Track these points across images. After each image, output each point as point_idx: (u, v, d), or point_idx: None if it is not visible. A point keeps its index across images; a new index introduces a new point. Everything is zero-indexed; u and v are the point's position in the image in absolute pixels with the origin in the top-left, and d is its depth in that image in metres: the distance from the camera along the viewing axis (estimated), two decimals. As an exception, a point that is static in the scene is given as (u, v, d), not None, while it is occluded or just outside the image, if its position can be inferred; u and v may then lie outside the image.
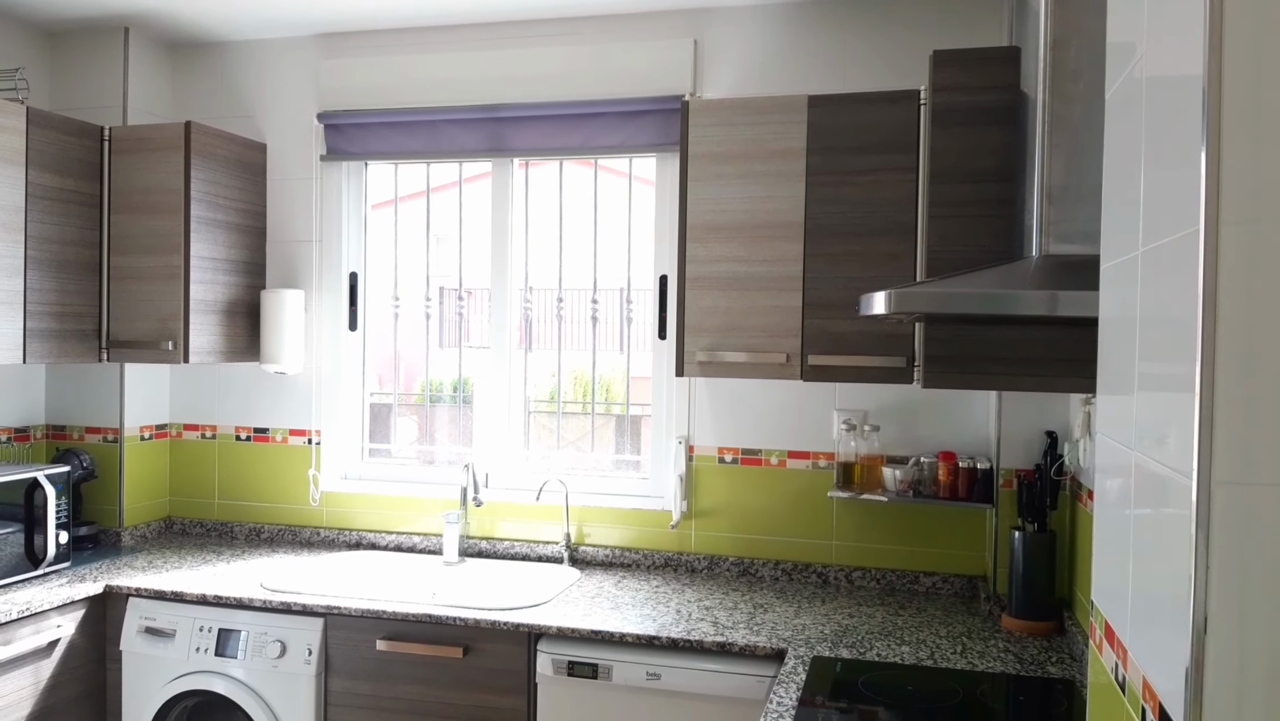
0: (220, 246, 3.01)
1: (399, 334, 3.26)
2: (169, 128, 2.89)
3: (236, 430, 3.28)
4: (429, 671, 2.43)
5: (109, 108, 3.12)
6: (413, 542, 3.09)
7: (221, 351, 3.02)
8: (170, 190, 2.88)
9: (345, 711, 2.49)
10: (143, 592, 2.64)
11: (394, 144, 3.09)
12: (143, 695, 2.62)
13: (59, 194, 2.79)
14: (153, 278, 2.90)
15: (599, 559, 2.93)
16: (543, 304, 3.15)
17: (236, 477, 3.27)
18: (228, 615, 2.57)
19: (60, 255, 2.79)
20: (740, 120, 2.46)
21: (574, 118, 2.93)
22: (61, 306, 2.80)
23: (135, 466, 3.18)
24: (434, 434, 3.30)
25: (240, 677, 2.54)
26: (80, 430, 3.17)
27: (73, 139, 2.83)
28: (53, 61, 3.18)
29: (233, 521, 3.26)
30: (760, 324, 2.46)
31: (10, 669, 2.40)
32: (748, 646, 2.22)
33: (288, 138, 3.21)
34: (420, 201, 3.22)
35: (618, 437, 3.14)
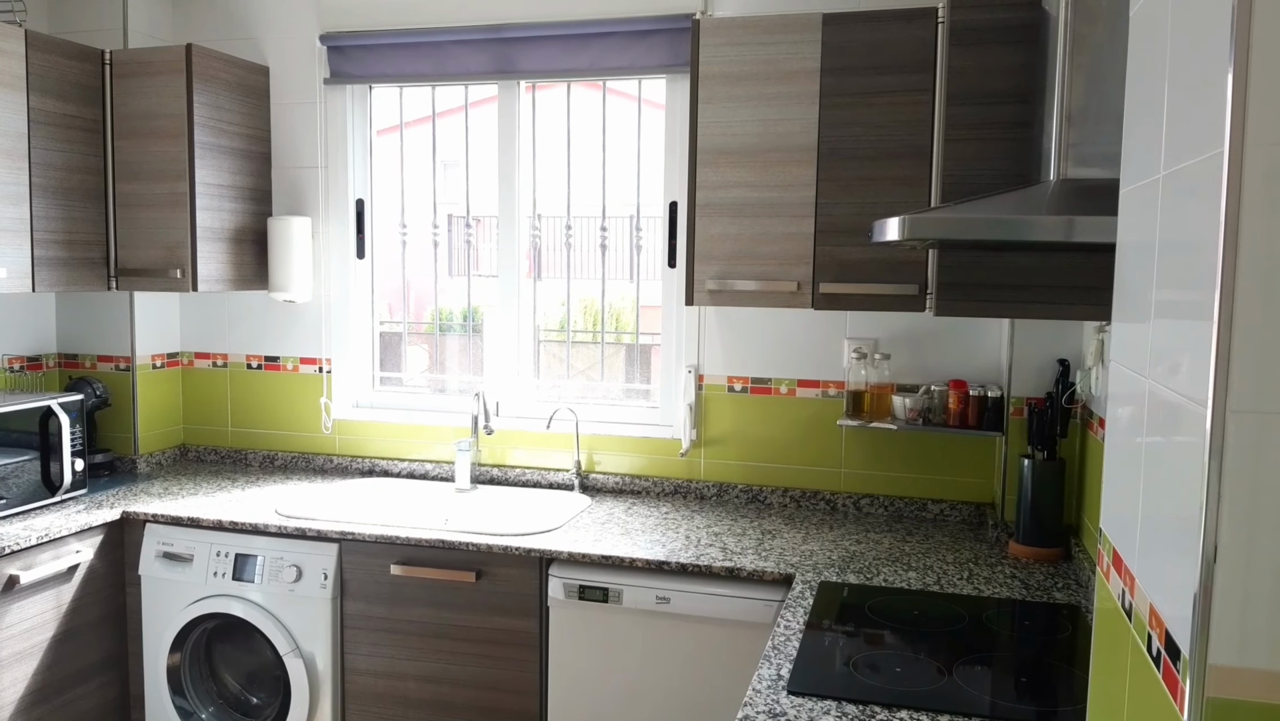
0: (225, 173, 2.98)
1: (407, 262, 3.24)
2: (170, 50, 2.84)
3: (247, 358, 3.29)
4: (442, 595, 2.47)
5: (109, 30, 3.06)
6: (425, 470, 3.12)
7: (230, 280, 3.01)
8: (173, 115, 2.84)
9: (361, 634, 2.55)
10: (160, 518, 2.68)
11: (399, 66, 3.03)
12: (163, 618, 2.68)
13: (61, 119, 2.75)
14: (159, 205, 2.88)
15: (609, 486, 2.95)
16: (551, 232, 3.12)
17: (249, 405, 3.30)
18: (244, 540, 2.61)
19: (65, 182, 2.77)
20: (752, 40, 2.39)
21: (582, 37, 2.86)
22: (69, 234, 2.79)
23: (148, 394, 3.21)
24: (444, 362, 3.31)
25: (258, 601, 2.59)
26: (92, 359, 3.19)
27: (73, 63, 2.78)
28: (49, -17, 3.11)
29: (246, 449, 3.29)
30: (771, 251, 2.43)
31: (33, 593, 2.45)
32: (756, 571, 2.24)
33: (290, 61, 3.15)
34: (426, 127, 3.16)
35: (627, 367, 3.14)
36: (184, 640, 2.67)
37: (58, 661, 2.53)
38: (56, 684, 2.53)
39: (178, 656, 2.68)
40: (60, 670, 2.54)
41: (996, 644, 1.86)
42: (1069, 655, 1.82)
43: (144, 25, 3.11)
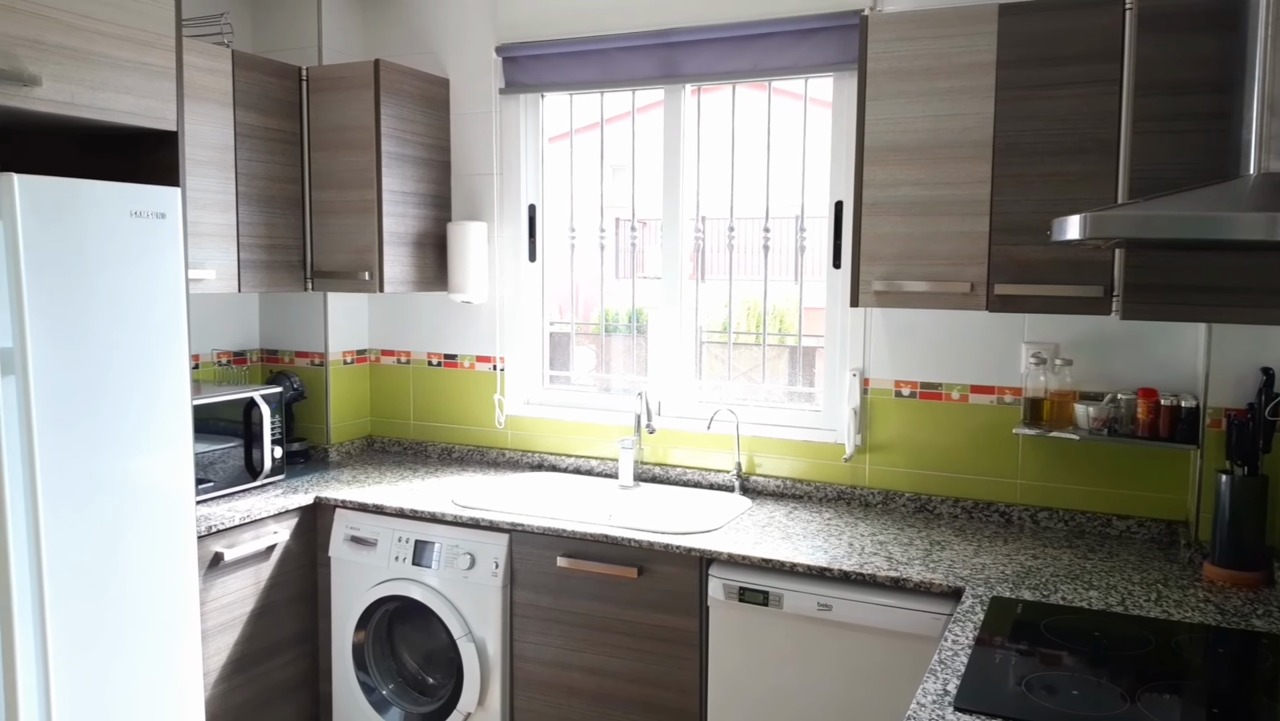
0: (409, 181, 3.15)
1: (576, 265, 3.33)
2: (360, 66, 3.03)
3: (429, 356, 3.47)
4: (606, 589, 2.53)
5: (305, 48, 3.30)
6: (590, 466, 3.20)
7: (413, 281, 3.18)
8: (363, 127, 3.03)
9: (529, 622, 2.64)
10: (348, 504, 2.86)
11: (568, 74, 3.11)
12: (349, 597, 2.86)
13: (264, 132, 2.98)
14: (350, 211, 3.08)
15: (770, 489, 2.94)
16: (714, 233, 3.13)
17: (429, 400, 3.48)
18: (423, 528, 2.75)
19: (267, 191, 3.01)
20: (923, 34, 2.32)
21: (746, 39, 2.85)
22: (270, 239, 3.02)
23: (340, 388, 3.44)
24: (610, 362, 3.38)
25: (435, 586, 2.73)
26: (290, 354, 3.44)
27: (274, 80, 3.01)
28: (254, 6, 3.38)
29: (426, 441, 3.47)
30: (942, 251, 2.35)
31: (235, 569, 2.68)
32: (923, 582, 2.18)
33: (468, 72, 3.29)
34: (595, 133, 3.24)
35: (790, 369, 3.11)
36: (368, 619, 2.85)
37: (255, 634, 2.75)
38: (254, 654, 2.75)
39: (362, 634, 2.86)
40: (257, 642, 2.76)
41: (1187, 672, 1.74)
42: (1270, 688, 1.67)
43: (337, 43, 3.34)
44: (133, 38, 2.23)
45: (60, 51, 2.08)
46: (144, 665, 2.24)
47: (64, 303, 2.03)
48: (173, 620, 2.31)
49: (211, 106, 2.79)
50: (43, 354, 2.00)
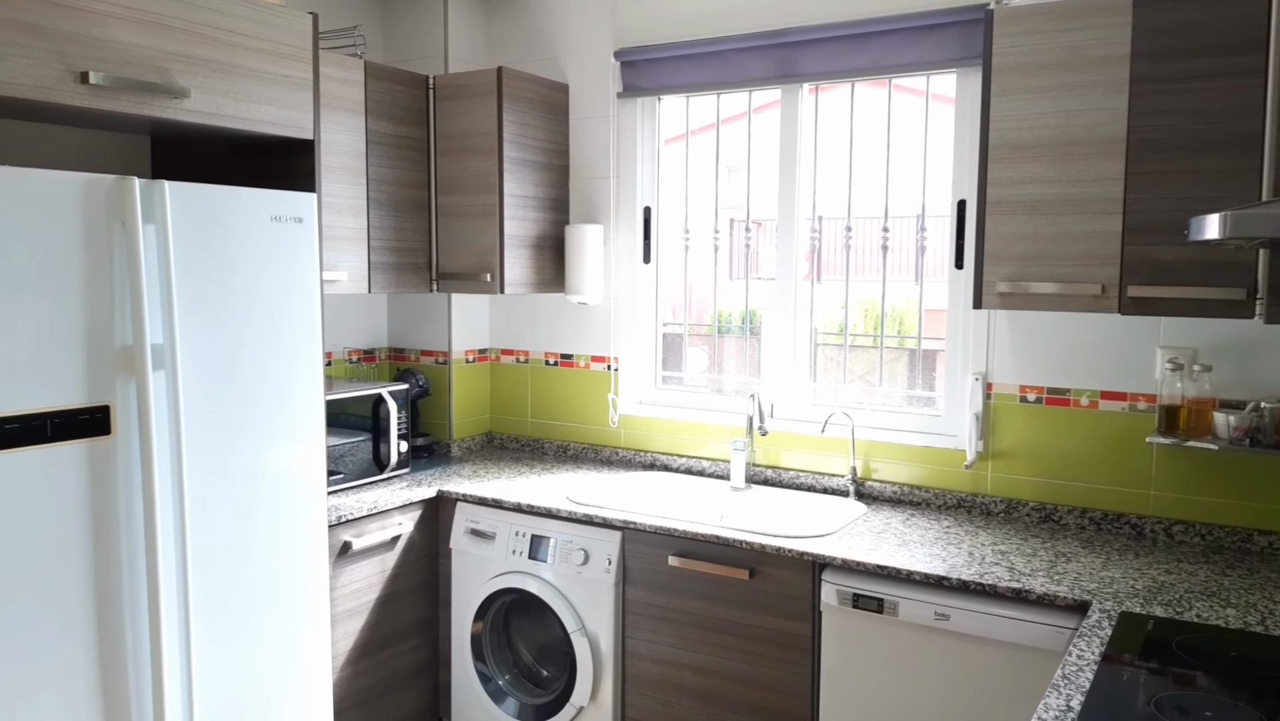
0: (529, 185, 3.23)
1: (689, 266, 3.34)
2: (483, 74, 3.12)
3: (546, 355, 3.55)
4: (717, 590, 2.54)
5: (432, 58, 3.42)
6: (702, 466, 3.21)
7: (531, 283, 3.26)
8: (485, 133, 3.12)
9: (641, 619, 2.67)
10: (468, 498, 2.95)
11: (685, 77, 3.13)
12: (469, 589, 2.95)
13: (393, 139, 3.11)
14: (473, 215, 3.18)
15: (886, 495, 2.89)
16: (831, 233, 3.09)
17: (546, 399, 3.55)
18: (539, 523, 2.82)
19: (396, 196, 3.13)
20: (1052, 27, 2.24)
21: (864, 36, 2.81)
22: (398, 242, 3.15)
23: (462, 386, 3.55)
24: (722, 363, 3.38)
25: (549, 580, 2.79)
26: (416, 353, 3.57)
27: (403, 89, 3.13)
28: (384, 18, 3.52)
29: (543, 438, 3.55)
30: (1071, 251, 2.27)
31: (362, 558, 2.80)
32: (1046, 595, 2.10)
33: (587, 77, 3.35)
34: (710, 134, 3.25)
35: (909, 372, 3.05)
36: (486, 610, 2.93)
37: (380, 621, 2.87)
38: (379, 640, 2.87)
39: (480, 625, 2.94)
40: (381, 629, 2.88)
41: (1336, 700, 1.63)
42: None
43: (462, 50, 3.44)
44: (274, 51, 2.36)
45: (208, 65, 2.22)
46: (278, 645, 2.37)
47: (209, 302, 2.17)
48: (304, 603, 2.43)
49: (345, 115, 2.92)
50: (190, 350, 2.14)
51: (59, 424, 1.90)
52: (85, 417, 1.94)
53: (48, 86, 1.94)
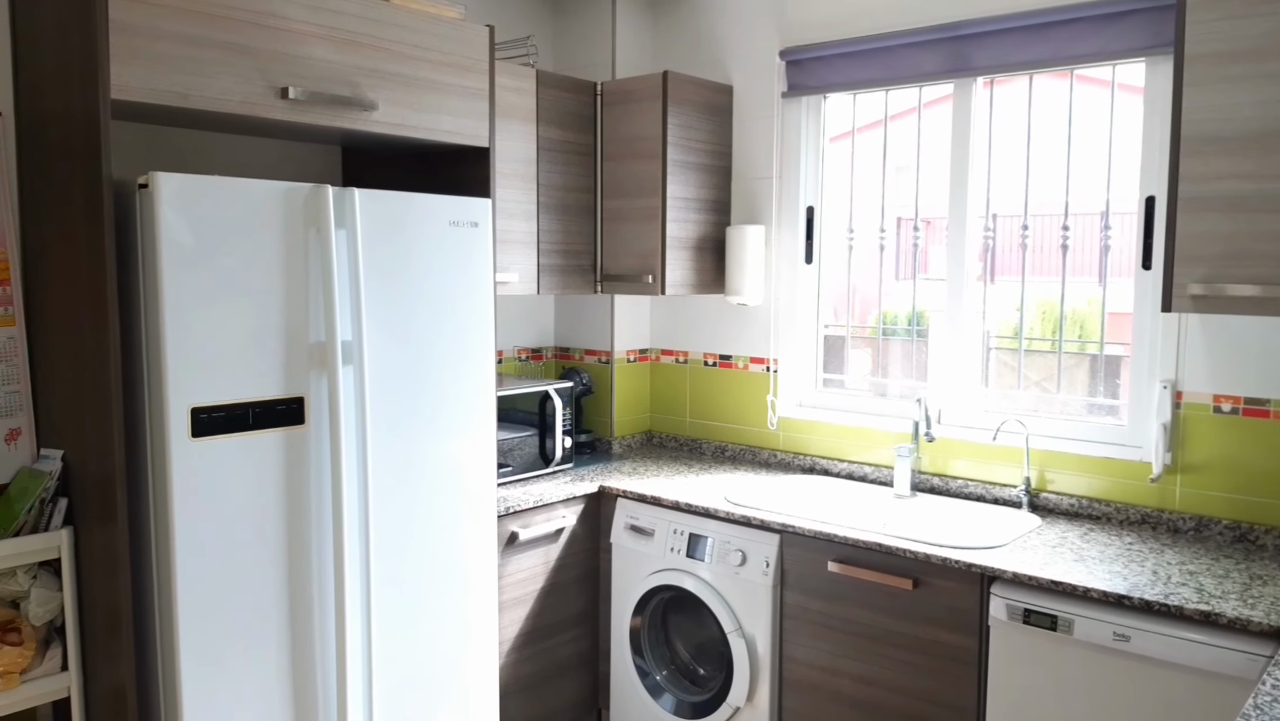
0: (691, 187, 3.26)
1: (853, 266, 3.29)
2: (649, 79, 3.17)
3: (705, 356, 3.57)
4: (878, 598, 2.49)
5: (600, 64, 3.50)
6: (864, 472, 3.15)
7: (692, 284, 3.29)
8: (650, 137, 3.17)
9: (798, 624, 2.65)
10: (628, 495, 3.01)
11: (851, 74, 3.08)
12: (628, 583, 3.01)
13: (562, 145, 3.20)
14: (636, 218, 3.24)
15: (1062, 507, 2.75)
16: (1006, 232, 2.97)
17: (704, 399, 3.57)
18: (697, 522, 2.84)
19: (563, 200, 3.22)
20: (1254, 11, 2.08)
21: (1043, 26, 2.69)
22: (565, 245, 3.24)
23: (623, 385, 3.62)
24: (887, 367, 3.30)
25: (707, 579, 2.81)
26: (580, 352, 3.67)
27: (571, 95, 3.22)
28: (555, 27, 3.63)
29: (701, 438, 3.57)
30: (1274, 251, 2.10)
31: (528, 548, 2.90)
32: (1239, 619, 1.95)
33: (752, 78, 3.35)
34: (877, 131, 3.18)
35: (1090, 379, 2.89)
36: (644, 606, 2.98)
37: (543, 610, 2.96)
38: (542, 629, 2.97)
39: (638, 620, 3.00)
40: (545, 618, 2.97)
41: None
42: None
43: (629, 56, 3.51)
44: (454, 63, 2.48)
45: (394, 79, 2.36)
46: (450, 628, 2.49)
47: (392, 302, 2.31)
48: (475, 589, 2.54)
49: (518, 123, 3.04)
50: (375, 346, 2.28)
51: (259, 413, 2.07)
52: (282, 408, 2.10)
53: (252, 101, 2.11)
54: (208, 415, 1.98)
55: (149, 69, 1.93)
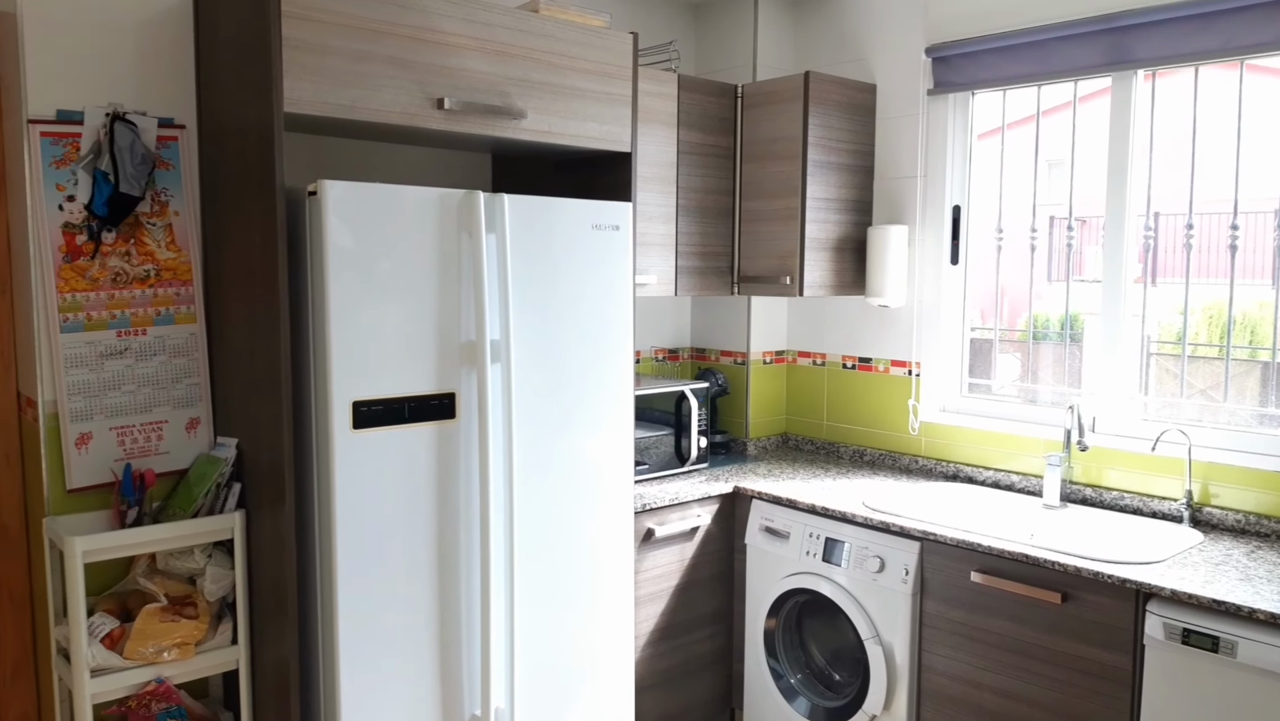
0: (832, 187, 3.23)
1: (1002, 267, 3.18)
2: (790, 80, 3.16)
3: (843, 359, 3.53)
4: (1024, 611, 2.41)
5: (741, 67, 3.51)
6: (1010, 481, 3.04)
7: (831, 285, 3.25)
8: (790, 138, 3.16)
9: (938, 634, 2.59)
10: (763, 496, 3.01)
11: (1001, 70, 2.99)
12: (762, 585, 3.01)
13: (701, 149, 3.23)
14: (774, 219, 3.23)
15: (1227, 523, 2.59)
16: (1168, 231, 2.81)
17: (842, 402, 3.53)
18: (833, 526, 2.82)
19: (702, 202, 3.25)
20: None
21: (1211, 15, 2.53)
22: (703, 247, 3.26)
23: (759, 386, 3.61)
24: (1036, 372, 3.18)
25: (843, 584, 2.78)
26: (716, 353, 3.69)
27: (712, 99, 3.24)
28: (697, 32, 3.66)
29: (838, 442, 3.53)
30: None
31: (663, 545, 2.93)
32: None
33: (896, 76, 3.29)
34: (1028, 128, 3.07)
35: (1262, 388, 2.71)
36: (779, 608, 2.97)
37: (678, 607, 3.00)
38: (677, 626, 3.00)
39: (773, 621, 2.99)
40: (679, 615, 3.00)
41: None
42: None
43: (771, 58, 3.51)
44: (599, 71, 2.54)
45: (542, 87, 2.43)
46: (589, 619, 2.55)
47: (537, 302, 2.38)
48: (612, 583, 2.60)
49: (658, 127, 3.08)
50: (521, 345, 2.36)
51: (414, 407, 2.17)
52: (435, 403, 2.20)
53: (410, 112, 2.22)
54: (368, 408, 2.10)
55: (319, 83, 2.06)
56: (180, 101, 2.37)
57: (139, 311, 2.32)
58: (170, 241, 2.36)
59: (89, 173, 2.23)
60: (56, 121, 2.20)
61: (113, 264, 2.28)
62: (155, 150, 2.32)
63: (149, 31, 2.31)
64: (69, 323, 2.23)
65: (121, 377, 2.31)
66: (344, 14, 2.09)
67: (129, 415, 2.32)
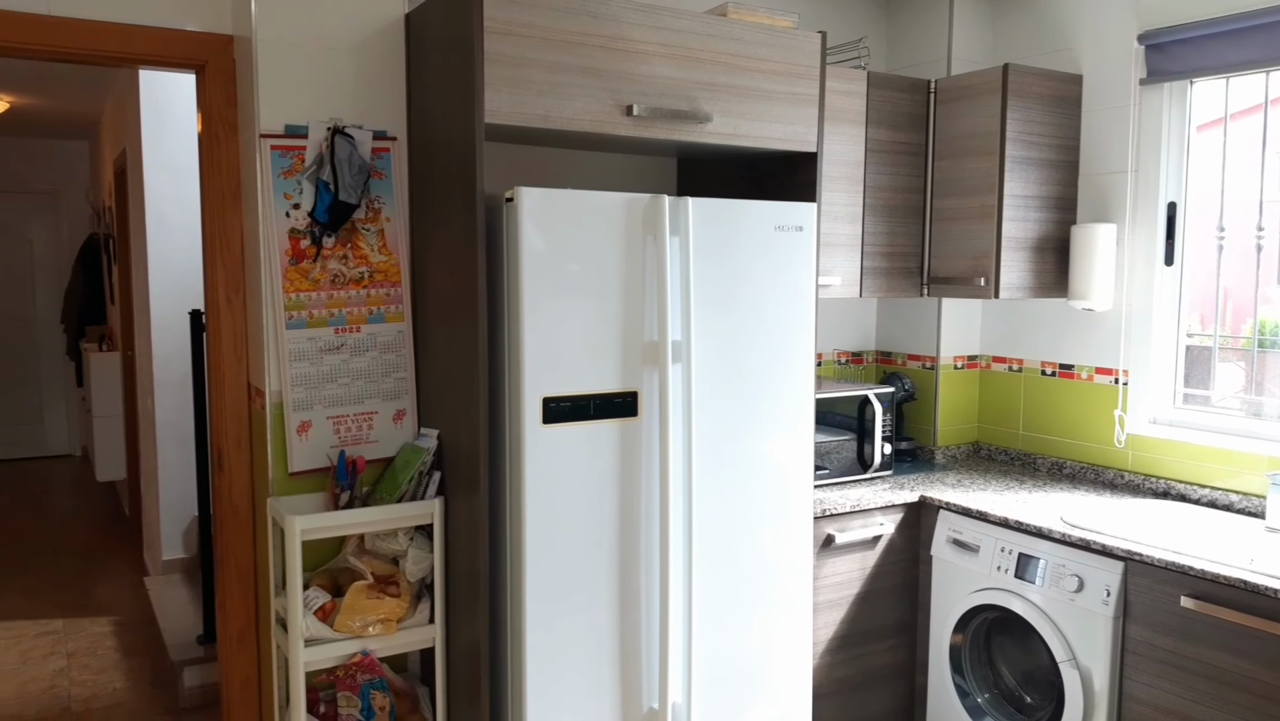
0: (1032, 184, 3.07)
1: (1223, 269, 2.93)
2: (987, 73, 3.03)
3: (1042, 365, 3.35)
4: (1242, 643, 2.21)
5: (935, 62, 3.40)
6: (1229, 500, 2.80)
7: (1029, 287, 3.10)
8: (987, 133, 3.03)
9: (1143, 661, 2.42)
10: (951, 507, 2.90)
11: (1224, 56, 2.75)
12: (949, 599, 2.90)
13: (890, 146, 3.15)
14: (968, 218, 3.11)
15: None
16: None
17: (1040, 411, 3.35)
18: (1027, 541, 2.68)
19: (890, 201, 3.17)
20: None
21: None
22: (890, 247, 3.19)
23: (948, 392, 3.49)
24: (1262, 383, 2.91)
25: (1037, 602, 2.64)
26: (903, 356, 3.59)
27: (903, 95, 3.16)
28: (889, 27, 3.58)
29: (1035, 453, 3.36)
30: None
31: (844, 552, 2.89)
32: None
33: (1104, 66, 3.09)
34: (1254, 118, 2.81)
35: None
36: (966, 623, 2.86)
37: (857, 616, 2.94)
38: (855, 635, 2.94)
39: (959, 637, 2.88)
40: (858, 624, 2.95)
41: None
42: None
43: (967, 51, 3.38)
44: (785, 72, 2.54)
45: (728, 90, 2.45)
46: (765, 623, 2.55)
47: (718, 304, 2.40)
48: (790, 587, 2.58)
49: (845, 126, 3.03)
50: (701, 346, 2.38)
51: (599, 404, 2.24)
52: (619, 401, 2.27)
53: (601, 119, 2.29)
54: (556, 404, 2.19)
55: (517, 95, 2.17)
56: (392, 115, 2.54)
57: (354, 310, 2.51)
58: (382, 245, 2.54)
59: (312, 182, 2.44)
60: (284, 135, 2.41)
61: (332, 266, 2.48)
62: (370, 161, 2.50)
63: (365, 51, 2.49)
64: (293, 320, 2.44)
65: (338, 371, 2.50)
66: (542, 27, 2.18)
67: (344, 406, 2.52)
